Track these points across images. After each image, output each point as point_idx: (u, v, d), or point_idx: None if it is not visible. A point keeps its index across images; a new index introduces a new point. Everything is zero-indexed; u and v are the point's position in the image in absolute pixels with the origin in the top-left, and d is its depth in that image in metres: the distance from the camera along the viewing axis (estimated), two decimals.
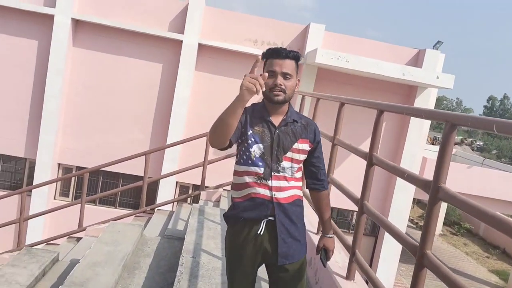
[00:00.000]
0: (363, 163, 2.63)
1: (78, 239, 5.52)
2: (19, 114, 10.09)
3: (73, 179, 10.64)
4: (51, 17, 9.61)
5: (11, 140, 10.15)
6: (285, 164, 2.00)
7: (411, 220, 24.76)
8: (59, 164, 10.39)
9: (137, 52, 10.19)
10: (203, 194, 5.78)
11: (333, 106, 3.68)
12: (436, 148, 28.59)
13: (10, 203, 9.92)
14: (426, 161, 12.25)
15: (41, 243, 5.68)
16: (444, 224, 23.56)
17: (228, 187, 6.11)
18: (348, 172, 8.61)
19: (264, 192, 1.98)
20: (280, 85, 1.94)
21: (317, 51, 8.89)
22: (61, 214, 8.71)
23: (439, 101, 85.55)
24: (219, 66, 10.30)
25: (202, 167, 5.81)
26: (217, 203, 5.64)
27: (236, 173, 2.07)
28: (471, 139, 68.76)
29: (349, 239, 2.71)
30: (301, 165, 2.08)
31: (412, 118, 10.19)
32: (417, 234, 22.02)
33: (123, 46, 10.13)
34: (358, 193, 2.74)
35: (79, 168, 10.13)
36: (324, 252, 2.19)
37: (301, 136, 2.03)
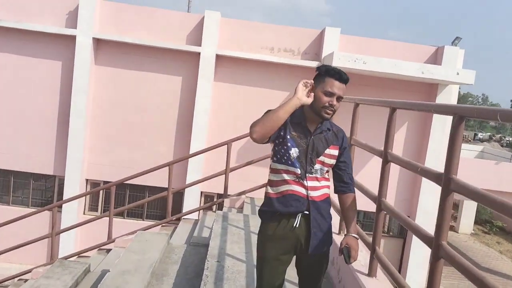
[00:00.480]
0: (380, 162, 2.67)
1: (108, 250, 5.68)
2: (47, 134, 10.44)
3: (100, 194, 10.92)
4: (73, 38, 9.95)
5: (40, 159, 10.52)
6: (317, 166, 2.24)
7: None
8: (87, 180, 10.69)
9: (157, 66, 10.44)
10: (227, 202, 5.88)
11: (351, 107, 3.72)
12: (465, 146, 28.03)
13: (42, 220, 10.29)
14: None
15: (72, 256, 5.87)
16: (476, 223, 23.00)
17: (251, 194, 6.20)
18: (369, 173, 8.59)
19: (300, 190, 2.22)
20: (335, 105, 2.17)
21: (333, 55, 8.93)
22: (91, 228, 9.00)
23: (464, 98, 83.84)
24: (237, 75, 10.45)
25: (224, 175, 5.90)
26: (240, 209, 5.72)
27: (274, 170, 2.30)
28: (500, 135, 67.10)
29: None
30: (330, 168, 2.30)
31: (434, 117, 10.10)
32: (448, 235, 21.56)
33: (143, 61, 10.39)
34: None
35: (106, 182, 10.39)
36: (347, 250, 2.23)
37: (332, 142, 2.27)
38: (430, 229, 1.91)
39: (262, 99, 10.30)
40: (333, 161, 2.26)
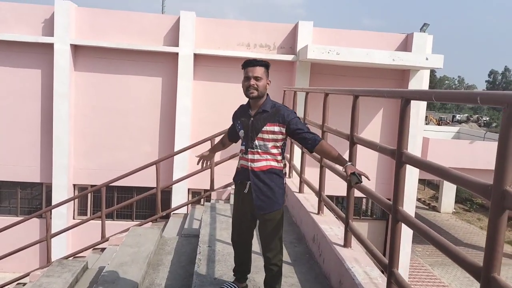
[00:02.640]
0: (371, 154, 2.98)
1: (102, 249, 5.91)
2: (31, 141, 10.53)
3: (89, 198, 11.07)
4: (50, 46, 10.05)
5: (26, 167, 10.61)
6: (258, 142, 2.74)
7: (423, 202, 24.97)
8: (74, 185, 10.82)
9: (136, 69, 10.61)
10: (214, 194, 6.15)
11: (330, 98, 4.01)
12: (441, 128, 28.78)
13: (31, 228, 10.40)
14: (428, 141, 12.54)
15: (68, 257, 6.07)
16: (456, 202, 23.75)
17: None
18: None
19: (245, 163, 2.80)
20: (253, 85, 2.72)
21: (307, 48, 9.24)
22: (82, 232, 9.16)
23: (441, 81, 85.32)
24: (215, 73, 10.69)
25: (210, 170, 6.16)
26: (227, 200, 6.01)
27: (240, 151, 2.89)
28: (477, 115, 68.63)
29: (360, 224, 3.05)
30: (277, 143, 2.75)
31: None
32: (431, 215, 22.23)
33: (123, 64, 10.55)
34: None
35: (93, 186, 10.52)
36: (355, 174, 2.47)
37: (270, 120, 2.72)
38: (410, 208, 2.20)
39: (241, 95, 10.53)
40: (275, 136, 2.71)
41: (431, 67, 9.90)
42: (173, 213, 6.07)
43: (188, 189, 10.89)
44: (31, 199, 11.36)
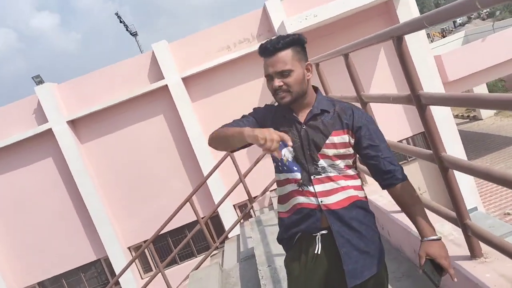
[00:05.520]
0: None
1: None
2: (72, 225, 10.61)
3: (147, 254, 11.07)
4: (50, 131, 10.08)
5: (79, 251, 10.69)
6: (323, 163, 1.68)
7: (461, 116, 24.11)
8: (129, 248, 10.84)
9: (136, 116, 10.53)
10: (256, 205, 5.94)
11: (332, 63, 3.70)
12: (447, 39, 27.73)
13: None
14: (441, 58, 11.97)
15: None
16: None
17: (273, 186, 6.23)
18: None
19: (308, 200, 1.69)
20: (280, 86, 1.65)
21: (284, 24, 8.93)
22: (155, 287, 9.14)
23: (437, 5, 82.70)
24: (209, 86, 10.50)
25: (241, 183, 5.95)
26: (270, 206, 5.79)
27: (277, 183, 1.83)
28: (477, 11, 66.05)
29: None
30: (351, 160, 1.74)
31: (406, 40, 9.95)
32: (474, 126, 21.39)
33: (122, 118, 10.48)
34: None
35: (146, 241, 10.52)
36: (431, 264, 1.56)
37: (335, 127, 1.68)
38: (450, 126, 1.87)
39: (241, 96, 10.30)
40: (346, 150, 1.68)
41: None
42: (226, 240, 5.89)
43: (233, 205, 10.74)
44: (96, 277, 11.46)
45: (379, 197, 3.05)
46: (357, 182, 1.74)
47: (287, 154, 1.72)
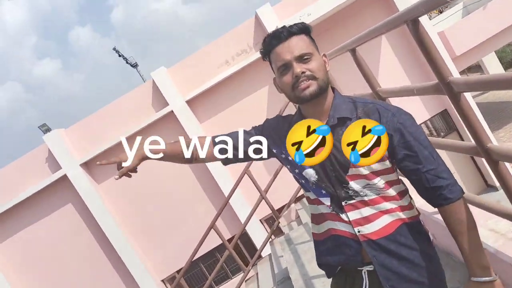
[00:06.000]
0: None
1: None
2: (103, 267, 10.45)
3: (184, 283, 10.83)
4: (65, 178, 9.97)
5: None
6: (355, 185, 1.35)
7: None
8: (163, 281, 10.63)
9: None
10: (283, 220, 5.66)
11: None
12: (446, 13, 27.09)
13: None
14: (444, 34, 11.59)
15: None
16: (506, 69, 22.17)
17: (298, 194, 5.93)
18: None
19: (344, 227, 1.40)
20: (303, 72, 1.33)
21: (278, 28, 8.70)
22: None
23: None
24: (215, 104, 10.31)
25: (263, 199, 5.69)
26: (298, 219, 5.51)
27: (308, 199, 1.54)
28: None
29: None
30: (393, 174, 1.39)
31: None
32: (488, 97, 20.76)
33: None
34: None
35: (179, 270, 10.31)
36: None
37: None
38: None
39: (249, 108, 10.08)
40: (382, 165, 1.35)
41: None
42: (258, 262, 5.62)
43: (260, 220, 10.47)
44: None
45: (417, 196, 2.76)
46: (404, 201, 1.40)
47: (312, 175, 1.41)
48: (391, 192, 1.37)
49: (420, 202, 2.68)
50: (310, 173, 1.41)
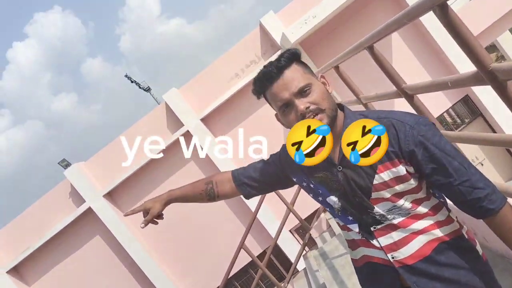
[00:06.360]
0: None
1: None
2: None
3: None
4: (90, 211, 9.93)
5: None
6: (380, 209, 1.26)
7: None
8: None
9: (167, 172, 10.27)
10: (314, 232, 5.44)
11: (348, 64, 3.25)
12: None
13: None
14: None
15: None
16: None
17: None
18: None
19: (377, 254, 1.32)
20: (308, 107, 1.24)
21: (286, 35, 8.55)
22: None
23: None
24: (230, 119, 10.17)
25: (290, 212, 5.48)
26: (329, 229, 5.27)
27: (338, 225, 1.49)
28: None
29: None
30: (417, 195, 1.27)
31: (423, 20, 9.19)
32: None
33: (155, 175, 10.22)
34: None
35: None
36: None
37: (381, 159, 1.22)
38: None
39: (264, 118, 9.88)
40: (407, 185, 1.23)
41: None
42: (293, 277, 5.40)
43: (290, 231, 10.22)
44: None
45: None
46: (440, 216, 1.27)
47: (335, 202, 1.34)
48: (422, 209, 1.27)
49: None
50: (333, 200, 1.35)
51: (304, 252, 5.67)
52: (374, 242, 1.30)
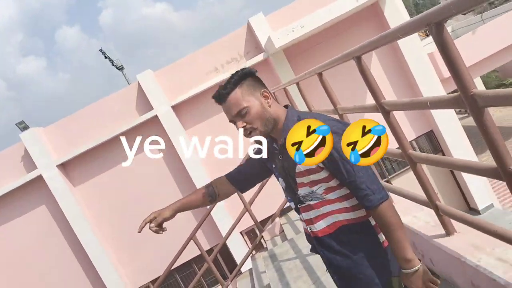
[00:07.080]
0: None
1: None
2: (73, 273, 10.03)
3: None
4: (40, 178, 9.58)
5: None
6: (302, 191, 1.63)
7: (458, 112, 23.83)
8: None
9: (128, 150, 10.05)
10: (266, 235, 5.46)
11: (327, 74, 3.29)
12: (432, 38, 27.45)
13: None
14: (434, 55, 11.66)
15: None
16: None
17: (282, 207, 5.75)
18: None
19: (304, 226, 1.76)
20: (243, 127, 1.61)
21: (271, 39, 8.58)
22: None
23: (416, 5, 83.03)
24: (202, 111, 10.08)
25: (247, 212, 5.48)
26: (282, 234, 5.31)
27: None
28: None
29: None
30: (329, 183, 1.58)
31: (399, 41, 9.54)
32: (472, 121, 21.05)
33: (114, 154, 9.96)
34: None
35: (155, 281, 9.96)
36: None
37: None
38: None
39: None
40: (317, 176, 1.56)
41: None
42: (238, 276, 5.39)
43: (240, 233, 10.22)
44: None
45: (414, 219, 2.61)
46: (347, 204, 1.61)
47: (281, 182, 1.75)
48: (331, 197, 1.60)
49: (419, 224, 2.51)
50: (281, 181, 1.76)
51: (252, 254, 5.68)
52: (301, 216, 1.72)
